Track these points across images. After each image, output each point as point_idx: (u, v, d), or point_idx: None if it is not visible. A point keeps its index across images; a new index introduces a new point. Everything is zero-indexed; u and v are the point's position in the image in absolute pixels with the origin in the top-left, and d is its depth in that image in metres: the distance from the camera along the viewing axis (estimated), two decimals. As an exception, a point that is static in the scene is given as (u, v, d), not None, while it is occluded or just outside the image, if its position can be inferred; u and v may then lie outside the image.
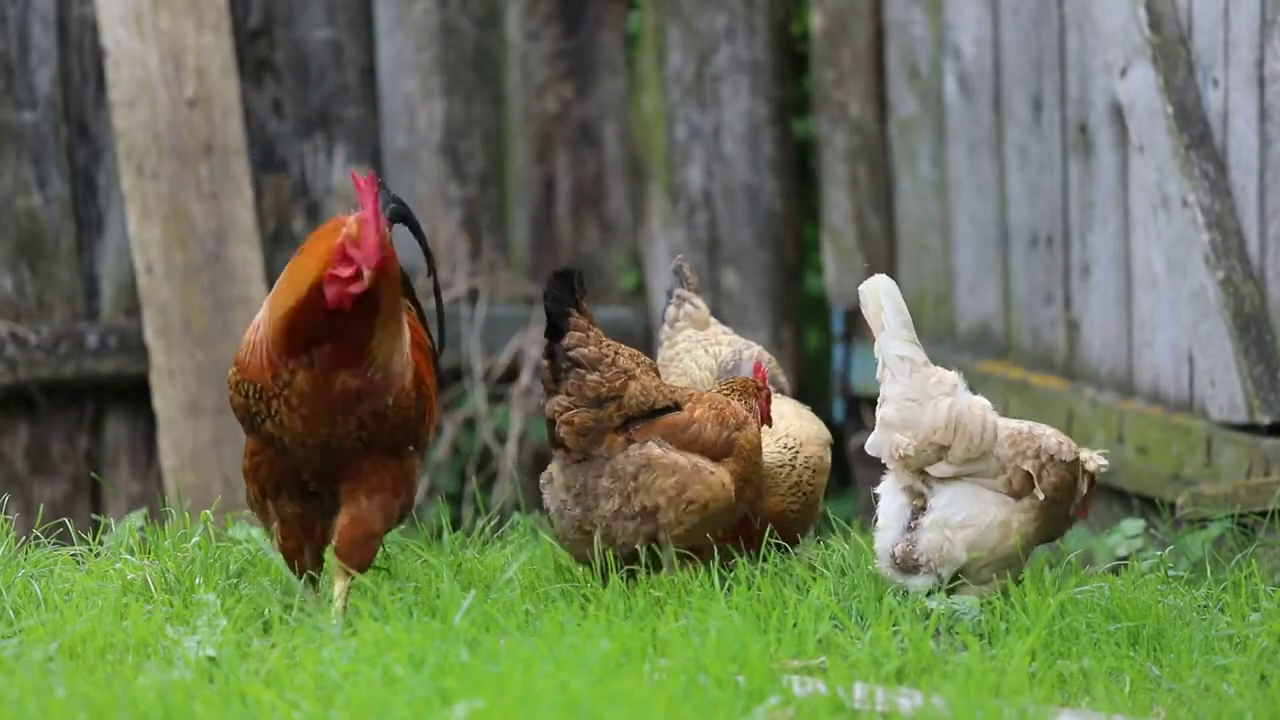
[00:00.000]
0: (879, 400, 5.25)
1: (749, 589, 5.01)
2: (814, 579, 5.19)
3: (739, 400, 5.43)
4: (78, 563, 5.26)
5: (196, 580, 5.05)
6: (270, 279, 7.42)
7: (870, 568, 5.34)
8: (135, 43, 7.33)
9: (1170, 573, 5.61)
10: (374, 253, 4.70)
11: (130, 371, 7.39)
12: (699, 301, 5.96)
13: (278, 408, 4.81)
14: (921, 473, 5.20)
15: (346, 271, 4.70)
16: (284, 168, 7.71)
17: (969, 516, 5.17)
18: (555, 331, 5.17)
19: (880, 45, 7.73)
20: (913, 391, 5.20)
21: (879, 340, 5.22)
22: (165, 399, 7.34)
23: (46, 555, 5.26)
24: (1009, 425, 5.24)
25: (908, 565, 5.19)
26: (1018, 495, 5.18)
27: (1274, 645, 4.80)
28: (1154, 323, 6.59)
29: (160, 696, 4.15)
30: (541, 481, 5.28)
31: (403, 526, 5.17)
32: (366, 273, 4.68)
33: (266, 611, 5.00)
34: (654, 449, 5.17)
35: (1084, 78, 6.80)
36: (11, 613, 4.87)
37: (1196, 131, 6.27)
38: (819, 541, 5.71)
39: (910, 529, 5.21)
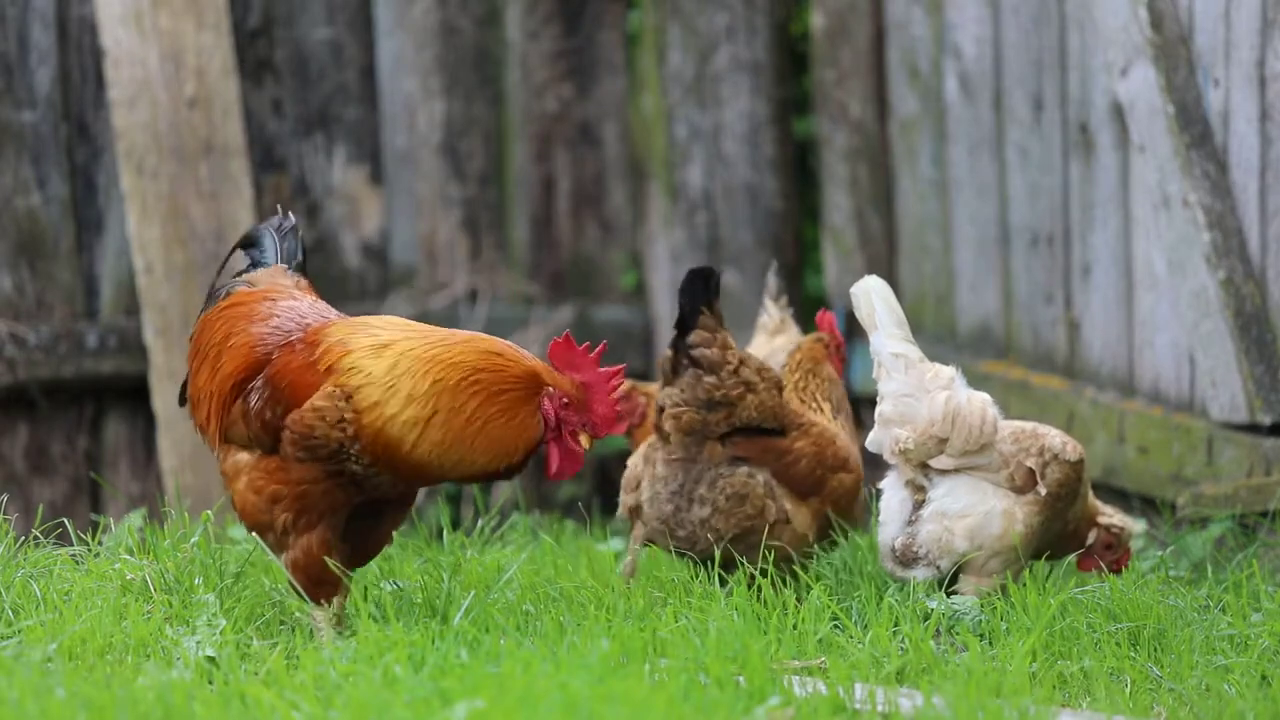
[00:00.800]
0: (878, 398, 5.27)
1: (749, 589, 5.01)
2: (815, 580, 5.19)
3: (816, 378, 5.46)
4: (77, 563, 5.25)
5: (196, 580, 5.04)
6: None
7: (869, 568, 5.34)
8: (135, 42, 7.33)
9: (1171, 573, 5.61)
10: (611, 420, 4.76)
11: (130, 371, 7.38)
12: (775, 309, 6.00)
13: (384, 474, 4.79)
14: (924, 467, 5.22)
15: (579, 446, 4.74)
16: (284, 168, 7.71)
17: (967, 505, 5.18)
18: (684, 326, 5.18)
19: (881, 45, 7.73)
20: (909, 387, 5.23)
21: (873, 340, 5.25)
22: (165, 399, 7.33)
23: (46, 555, 5.26)
24: (1014, 424, 5.26)
25: (907, 558, 5.21)
26: (1021, 491, 5.20)
27: (1275, 645, 4.79)
28: (1155, 323, 6.58)
29: (160, 696, 4.15)
30: (634, 462, 5.30)
31: (401, 525, 5.17)
32: (587, 438, 4.72)
33: (265, 612, 5.00)
34: (756, 482, 5.20)
35: (1085, 77, 6.80)
36: (11, 613, 4.86)
37: (1197, 131, 6.26)
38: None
39: (911, 522, 5.22)
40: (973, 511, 5.18)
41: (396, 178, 7.84)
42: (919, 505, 5.23)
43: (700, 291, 5.18)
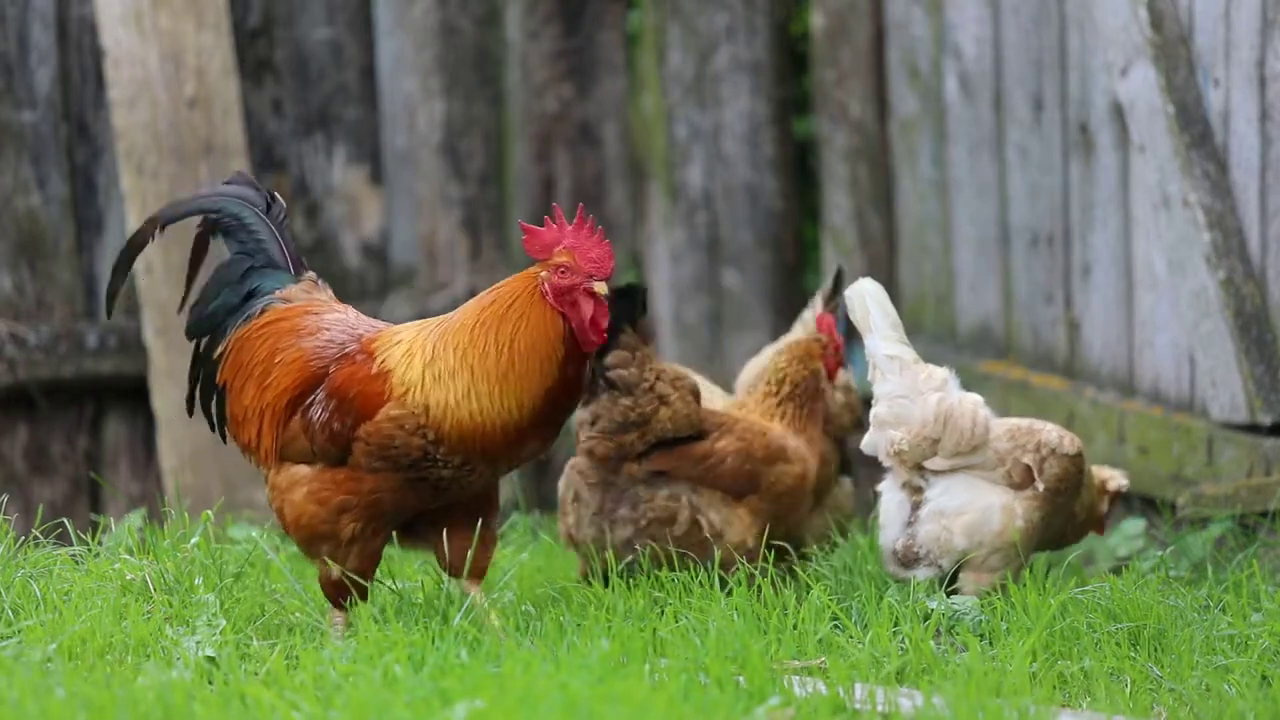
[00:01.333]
0: (873, 400, 5.28)
1: (749, 589, 5.01)
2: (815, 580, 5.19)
3: (799, 365, 5.42)
4: (77, 563, 5.25)
5: (196, 580, 5.04)
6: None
7: (869, 568, 5.34)
8: (135, 42, 7.33)
9: (1171, 573, 5.61)
10: (607, 256, 4.74)
11: (130, 371, 7.38)
12: (819, 308, 5.96)
13: (477, 465, 4.78)
14: (919, 468, 5.22)
15: (597, 299, 4.72)
16: (284, 168, 7.71)
17: (964, 503, 5.19)
18: (602, 347, 5.14)
19: (881, 45, 7.73)
20: (903, 389, 5.24)
21: (868, 342, 5.26)
22: (164, 399, 7.33)
23: (46, 555, 5.25)
24: (1010, 421, 5.27)
25: (908, 558, 5.21)
26: (1019, 487, 5.20)
27: (1275, 645, 4.79)
28: (1155, 323, 6.58)
29: (160, 696, 4.14)
30: (562, 485, 5.28)
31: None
32: (600, 284, 4.71)
33: (265, 612, 5.00)
34: (679, 505, 5.16)
35: (1085, 77, 6.80)
36: (11, 613, 4.86)
37: (1197, 131, 6.26)
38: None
39: (910, 523, 5.23)
40: (970, 509, 5.18)
41: (396, 178, 7.84)
42: (917, 506, 5.23)
43: (625, 310, 5.14)
